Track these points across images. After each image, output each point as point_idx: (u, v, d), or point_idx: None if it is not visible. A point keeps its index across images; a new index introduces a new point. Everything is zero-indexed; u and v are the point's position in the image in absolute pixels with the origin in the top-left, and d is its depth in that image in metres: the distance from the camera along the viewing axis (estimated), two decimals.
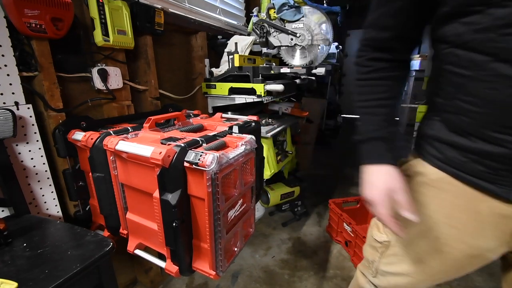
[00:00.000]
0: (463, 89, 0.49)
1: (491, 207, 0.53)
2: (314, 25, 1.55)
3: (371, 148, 0.61)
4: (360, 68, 0.62)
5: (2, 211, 0.82)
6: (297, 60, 1.69)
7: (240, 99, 1.48)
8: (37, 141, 0.88)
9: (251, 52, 1.70)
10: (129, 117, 1.15)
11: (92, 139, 0.84)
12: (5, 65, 0.78)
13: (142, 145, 0.70)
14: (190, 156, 0.66)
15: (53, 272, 0.58)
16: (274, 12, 1.66)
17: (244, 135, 0.88)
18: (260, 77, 1.39)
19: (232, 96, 1.50)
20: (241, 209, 0.82)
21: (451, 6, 0.47)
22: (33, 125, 0.86)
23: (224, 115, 1.17)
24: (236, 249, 0.83)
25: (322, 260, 1.61)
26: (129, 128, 0.94)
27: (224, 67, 1.60)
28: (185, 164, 0.66)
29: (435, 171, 0.58)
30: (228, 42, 1.67)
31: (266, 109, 1.92)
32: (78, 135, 0.89)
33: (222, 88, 1.53)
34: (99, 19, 0.98)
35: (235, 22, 1.97)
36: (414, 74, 4.31)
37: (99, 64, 1.05)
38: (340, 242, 1.76)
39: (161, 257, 0.82)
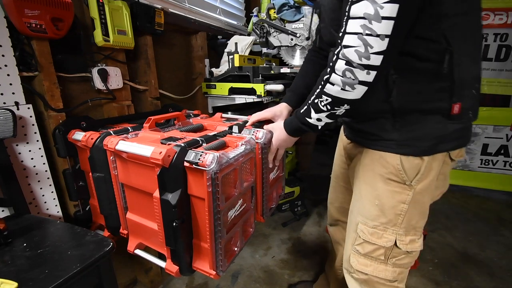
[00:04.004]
0: None
1: None
2: (314, 25, 1.55)
3: None
4: None
5: (2, 211, 0.82)
6: (297, 60, 1.69)
7: (240, 99, 1.48)
8: (37, 141, 0.88)
9: (251, 52, 1.70)
10: (129, 117, 1.15)
11: (92, 139, 0.84)
12: (5, 65, 0.78)
13: (142, 145, 0.70)
14: (190, 156, 0.66)
15: (53, 272, 0.58)
16: (274, 12, 1.66)
17: (244, 134, 0.88)
18: (260, 77, 1.39)
19: (232, 96, 1.50)
20: (241, 209, 0.82)
21: None
22: (33, 125, 0.86)
23: (224, 115, 1.17)
24: (236, 249, 0.83)
25: (322, 260, 1.61)
26: (129, 128, 0.94)
27: (224, 67, 1.60)
28: (185, 164, 0.66)
29: None
30: (228, 42, 1.67)
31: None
32: (78, 135, 0.89)
33: (222, 88, 1.53)
34: (99, 19, 0.98)
35: (235, 22, 1.97)
36: None
37: (99, 64, 1.05)
38: None
39: (161, 257, 0.82)
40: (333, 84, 0.60)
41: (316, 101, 0.66)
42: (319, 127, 0.70)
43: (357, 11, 0.52)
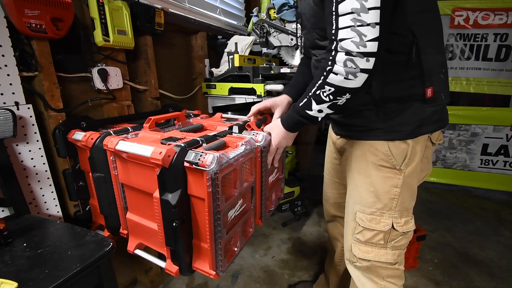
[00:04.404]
0: None
1: None
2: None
3: None
4: None
5: (2, 211, 0.82)
6: (297, 60, 1.69)
7: (240, 99, 1.48)
8: (37, 141, 0.88)
9: (251, 52, 1.70)
10: (129, 117, 1.15)
11: (92, 139, 0.84)
12: (5, 65, 0.78)
13: (142, 145, 0.70)
14: (190, 156, 0.66)
15: (53, 272, 0.58)
16: (274, 12, 1.66)
17: (243, 135, 0.88)
18: (260, 77, 1.39)
19: (232, 96, 1.50)
20: (241, 209, 0.82)
21: None
22: (33, 125, 0.86)
23: (224, 115, 1.17)
24: (236, 249, 0.83)
25: (322, 260, 1.61)
26: (129, 128, 0.94)
27: (224, 67, 1.60)
28: (185, 164, 0.66)
29: None
30: (228, 42, 1.67)
31: None
32: (78, 135, 0.89)
33: (222, 88, 1.53)
34: (99, 19, 0.98)
35: (235, 22, 1.97)
36: None
37: (99, 64, 1.05)
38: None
39: (161, 257, 0.82)
40: (336, 74, 0.63)
41: (318, 92, 0.68)
42: (319, 119, 0.73)
43: (345, 8, 0.58)
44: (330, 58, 0.63)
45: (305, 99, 0.72)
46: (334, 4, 0.59)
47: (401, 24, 0.65)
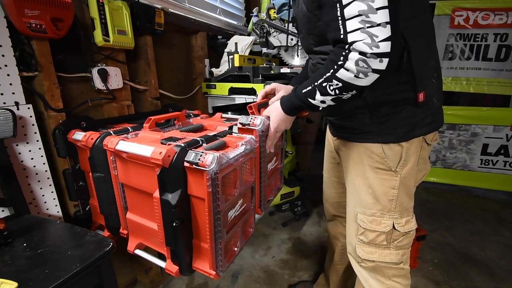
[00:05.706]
0: None
1: None
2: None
3: None
4: None
5: (2, 211, 0.82)
6: (297, 60, 1.69)
7: (240, 99, 1.48)
8: (37, 141, 0.88)
9: (251, 52, 1.70)
10: (129, 117, 1.15)
11: (92, 139, 0.84)
12: (5, 65, 0.78)
13: (142, 145, 0.70)
14: (190, 156, 0.66)
15: (53, 272, 0.58)
16: (274, 12, 1.66)
17: (244, 134, 0.88)
18: (260, 77, 1.39)
19: (232, 96, 1.50)
20: (241, 209, 0.82)
21: None
22: (33, 125, 0.86)
23: (224, 115, 1.17)
24: (236, 249, 0.83)
25: (322, 260, 1.61)
26: (129, 128, 0.94)
27: (224, 67, 1.60)
28: (185, 164, 0.66)
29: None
30: (228, 42, 1.67)
31: None
32: (78, 135, 0.89)
33: (222, 88, 1.53)
34: (99, 19, 0.98)
35: (235, 22, 1.97)
36: None
37: (99, 64, 1.05)
38: None
39: (161, 257, 0.82)
40: (347, 70, 0.62)
41: (324, 84, 0.66)
42: (320, 108, 0.72)
43: (351, 11, 0.56)
44: (343, 53, 0.61)
45: (310, 87, 0.70)
46: (338, 9, 0.58)
47: None
